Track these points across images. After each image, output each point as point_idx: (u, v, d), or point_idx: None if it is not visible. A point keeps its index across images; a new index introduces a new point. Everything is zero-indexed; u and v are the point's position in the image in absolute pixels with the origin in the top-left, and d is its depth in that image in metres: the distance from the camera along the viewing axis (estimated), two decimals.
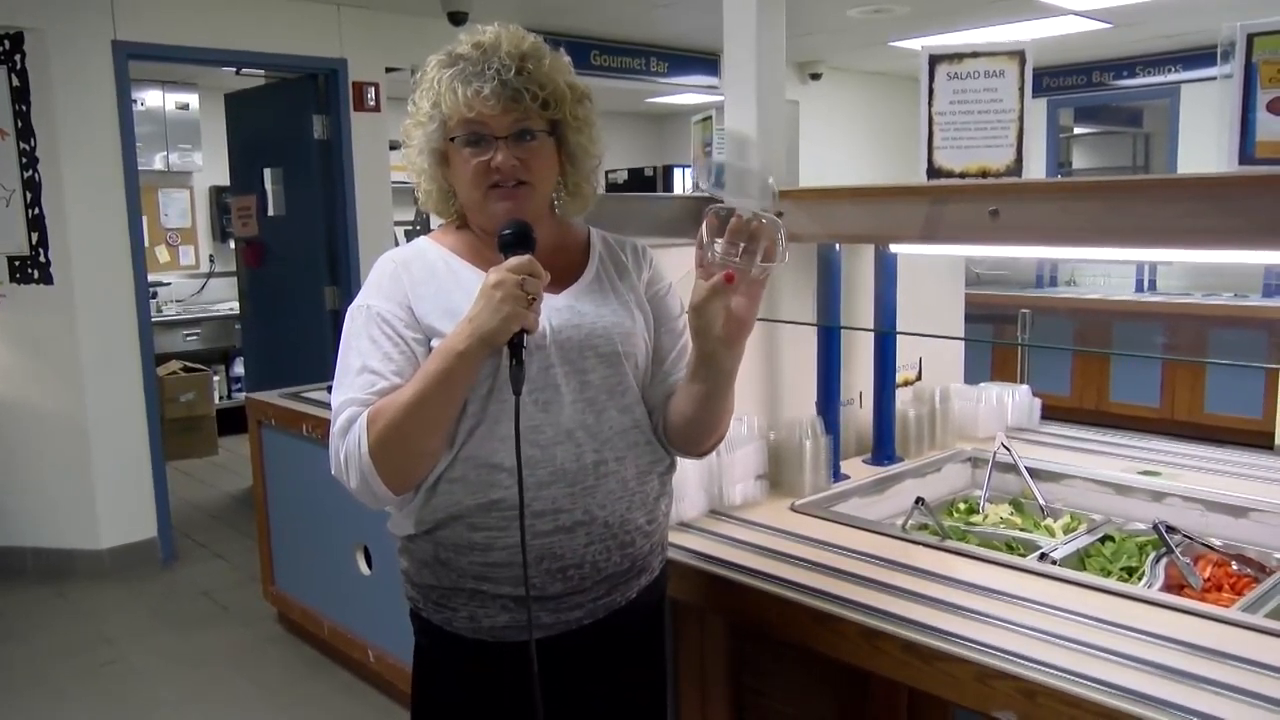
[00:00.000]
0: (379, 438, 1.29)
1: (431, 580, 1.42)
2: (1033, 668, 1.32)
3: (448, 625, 1.42)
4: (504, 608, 1.38)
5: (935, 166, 1.99)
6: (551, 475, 1.36)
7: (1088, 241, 1.81)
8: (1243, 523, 1.97)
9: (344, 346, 1.40)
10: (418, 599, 1.46)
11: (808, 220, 2.21)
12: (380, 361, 1.34)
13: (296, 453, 3.51)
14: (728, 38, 2.37)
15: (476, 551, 1.37)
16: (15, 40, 4.27)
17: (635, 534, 1.44)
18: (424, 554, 1.42)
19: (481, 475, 1.35)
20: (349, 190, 5.20)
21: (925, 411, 2.44)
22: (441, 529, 1.38)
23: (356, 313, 1.40)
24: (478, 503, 1.35)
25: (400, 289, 1.39)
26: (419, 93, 1.40)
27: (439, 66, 1.38)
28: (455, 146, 1.38)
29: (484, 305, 1.25)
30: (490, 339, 1.25)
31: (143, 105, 6.69)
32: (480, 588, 1.38)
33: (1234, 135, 1.59)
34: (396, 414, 1.29)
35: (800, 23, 5.93)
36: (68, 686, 3.43)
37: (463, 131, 1.36)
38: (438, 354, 1.29)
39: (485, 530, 1.36)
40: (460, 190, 1.42)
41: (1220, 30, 1.60)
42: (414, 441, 1.31)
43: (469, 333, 1.26)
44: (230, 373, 7.22)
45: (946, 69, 1.97)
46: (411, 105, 1.43)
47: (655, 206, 2.43)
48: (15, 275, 4.44)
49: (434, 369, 1.28)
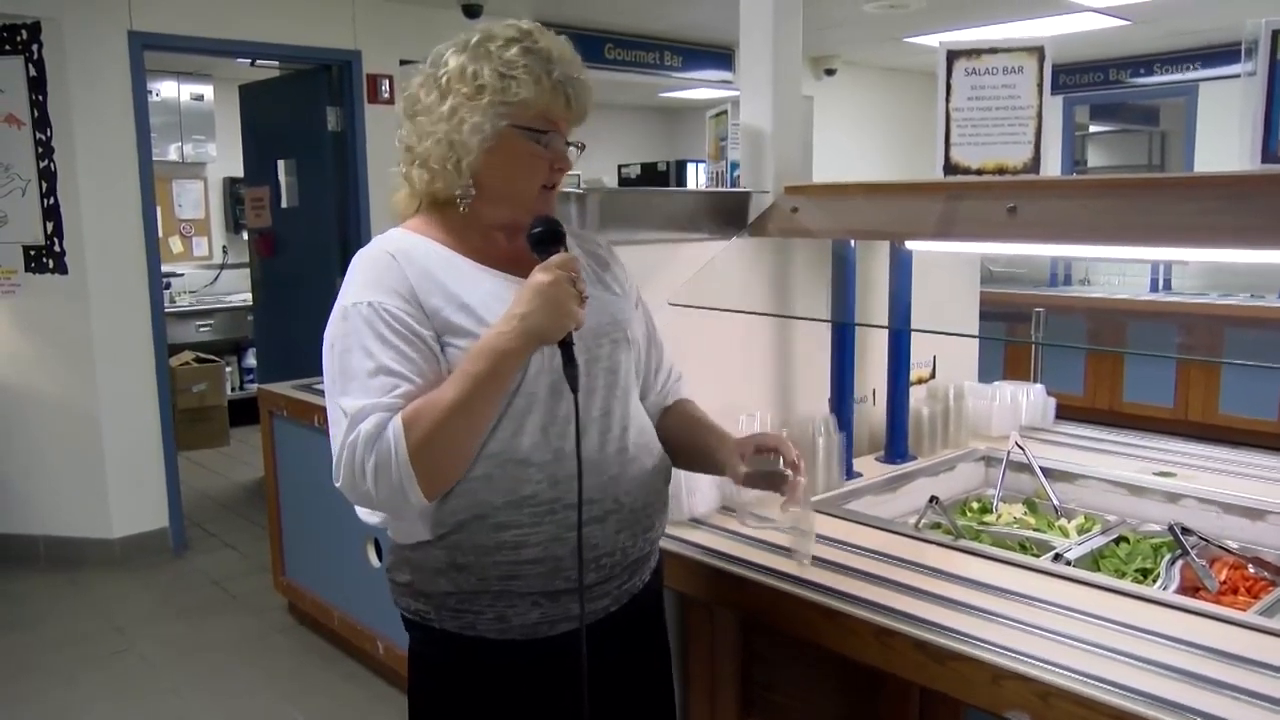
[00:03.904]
0: (420, 443, 1.23)
1: (447, 587, 1.35)
2: (1046, 669, 1.30)
3: (469, 630, 1.36)
4: (534, 604, 1.35)
5: (952, 163, 1.97)
6: (584, 466, 1.33)
7: (1105, 240, 1.79)
8: (1260, 525, 1.96)
9: (341, 346, 1.30)
10: (425, 610, 1.39)
11: (822, 216, 2.20)
12: (398, 362, 1.27)
13: (308, 444, 3.52)
14: (744, 31, 2.36)
15: (505, 550, 1.32)
16: (32, 30, 4.29)
17: (655, 518, 1.47)
18: (436, 562, 1.35)
19: (508, 471, 1.31)
20: (362, 182, 5.20)
21: (939, 410, 2.43)
22: (460, 531, 1.32)
23: (354, 310, 1.30)
24: (506, 500, 1.31)
25: (405, 282, 1.31)
26: (472, 65, 1.31)
27: (509, 46, 1.31)
28: (518, 135, 1.32)
29: (539, 303, 1.23)
30: (544, 337, 1.24)
31: (158, 96, 6.71)
32: (509, 587, 1.33)
33: (1256, 133, 1.57)
34: (441, 417, 1.23)
35: (816, 17, 5.89)
36: (78, 674, 3.44)
37: (540, 124, 1.33)
38: (482, 354, 1.24)
39: (516, 528, 1.31)
40: (503, 180, 1.36)
41: (1243, 26, 1.58)
42: (460, 445, 1.27)
43: (520, 331, 1.23)
44: (243, 364, 7.24)
45: (964, 65, 1.96)
46: (453, 77, 1.32)
47: (668, 201, 2.42)
48: (30, 265, 4.46)
49: (480, 370, 1.24)
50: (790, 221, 2.22)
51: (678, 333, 1.74)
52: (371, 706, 3.20)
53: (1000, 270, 6.66)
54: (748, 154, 2.38)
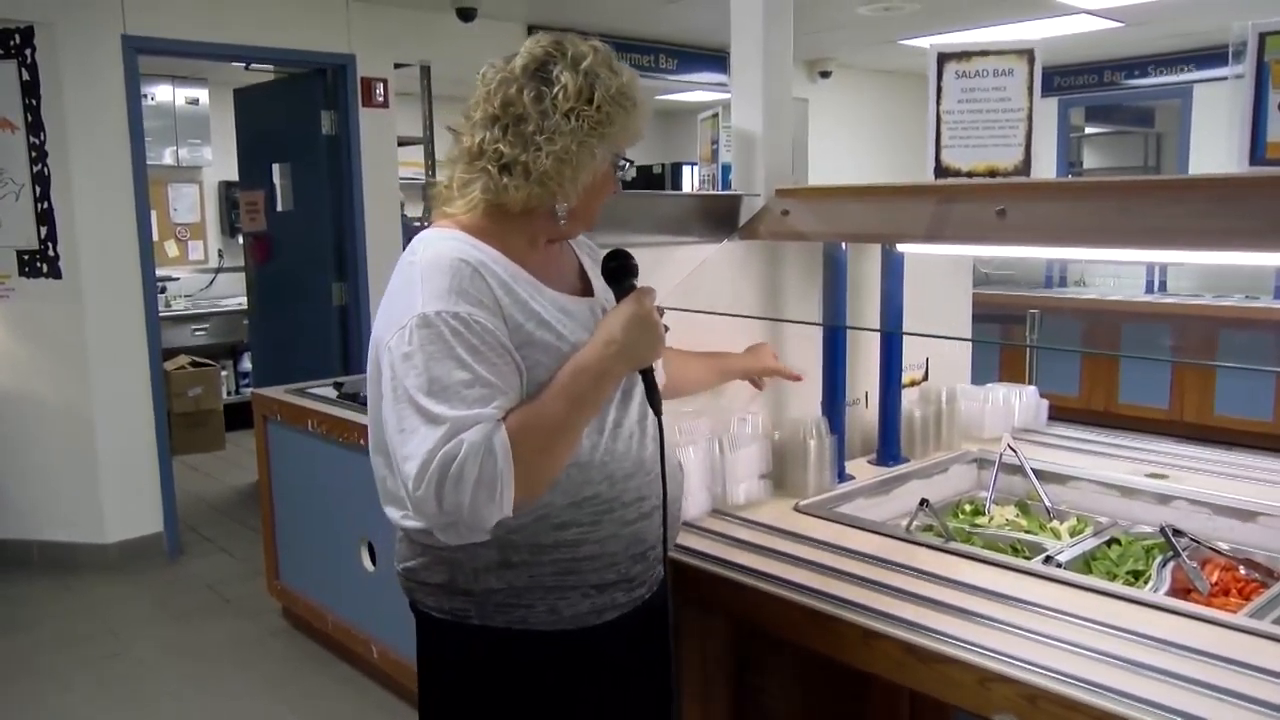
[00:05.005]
0: (528, 455, 1.26)
1: (496, 584, 1.38)
2: (1033, 671, 1.30)
3: (518, 624, 1.39)
4: (585, 595, 1.41)
5: (943, 165, 1.98)
6: (633, 466, 1.43)
7: (1096, 242, 1.79)
8: (1251, 526, 1.96)
9: (426, 355, 1.26)
10: (464, 608, 1.40)
11: (813, 219, 2.20)
12: (494, 375, 1.28)
13: (302, 448, 3.51)
14: (735, 35, 2.36)
15: (563, 549, 1.38)
16: (25, 34, 4.28)
17: (681, 512, 1.62)
18: (484, 560, 1.37)
19: (572, 475, 1.37)
20: (357, 186, 5.20)
21: (931, 412, 2.43)
22: (519, 532, 1.35)
23: (438, 319, 1.26)
24: (569, 501, 1.37)
25: (489, 295, 1.31)
26: (588, 89, 1.36)
27: (613, 74, 1.41)
28: (612, 163, 1.43)
29: (639, 332, 1.35)
30: (639, 364, 1.38)
31: (153, 100, 6.70)
32: (564, 581, 1.39)
33: (1245, 135, 1.57)
34: (547, 432, 1.29)
35: (809, 20, 5.90)
36: (73, 678, 3.44)
37: (624, 152, 1.45)
38: (585, 373, 1.32)
39: (576, 527, 1.38)
40: (586, 200, 1.42)
41: (1232, 29, 1.58)
42: (559, 459, 1.33)
43: (622, 356, 1.34)
44: (238, 367, 7.23)
45: (955, 67, 1.96)
46: (570, 95, 1.35)
47: (659, 204, 2.42)
48: (24, 269, 4.46)
49: (585, 389, 1.32)
50: (781, 224, 2.22)
51: (669, 337, 1.73)
52: (365, 710, 3.19)
53: (994, 272, 6.67)
54: (739, 157, 2.38)
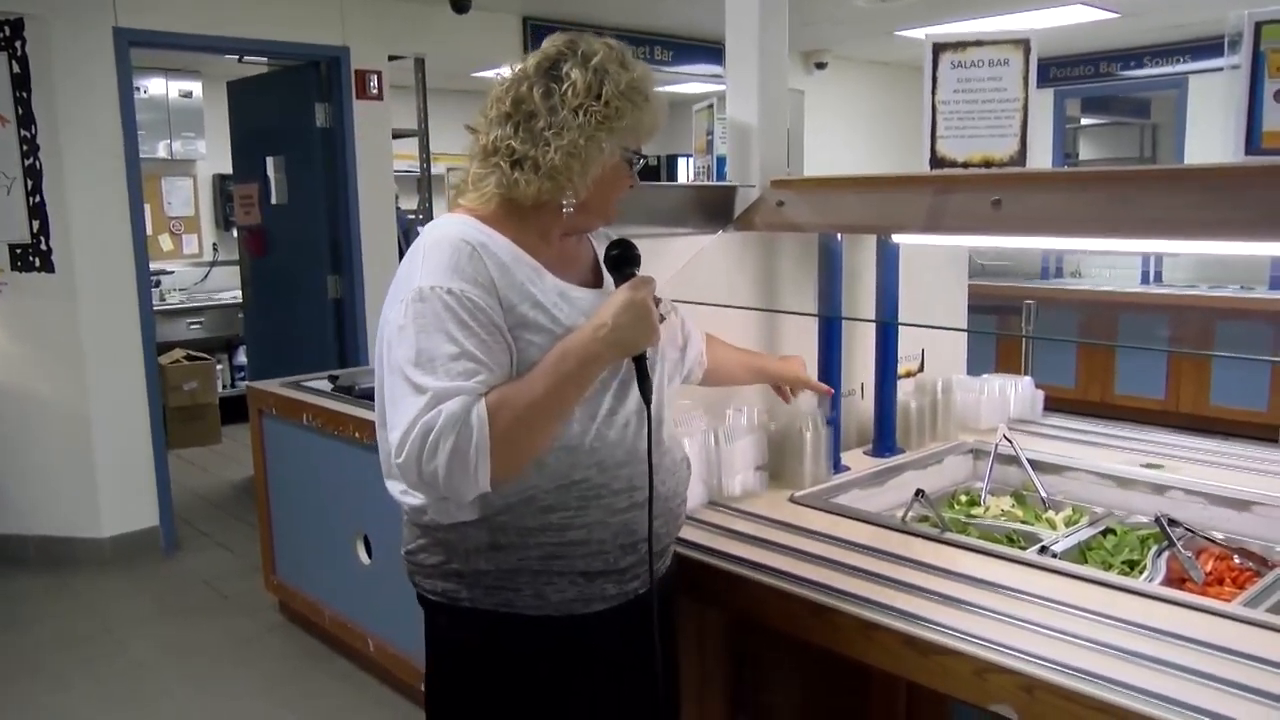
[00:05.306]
0: (505, 430, 1.27)
1: (485, 566, 1.40)
2: (1030, 661, 1.30)
3: (504, 607, 1.41)
4: (572, 582, 1.41)
5: (938, 156, 1.97)
6: (627, 455, 1.42)
7: (1091, 232, 1.79)
8: (1245, 516, 1.96)
9: (418, 327, 1.30)
10: (456, 589, 1.43)
11: (808, 210, 2.20)
12: (481, 350, 1.30)
13: (297, 442, 3.51)
14: (730, 26, 2.36)
15: (550, 532, 1.38)
16: (15, 26, 4.25)
17: (680, 506, 1.58)
18: (474, 541, 1.39)
19: (560, 458, 1.37)
20: (351, 179, 5.18)
21: (927, 403, 2.43)
22: (506, 513, 1.37)
23: (433, 294, 1.31)
24: (557, 485, 1.37)
25: (485, 274, 1.34)
26: (597, 84, 1.36)
27: (623, 68, 1.39)
28: (623, 157, 1.43)
29: (630, 318, 1.33)
30: (629, 349, 1.35)
31: (146, 93, 6.67)
32: (549, 566, 1.39)
33: (1240, 125, 1.57)
34: (527, 409, 1.29)
35: (807, 11, 5.89)
36: (69, 674, 3.43)
37: (638, 148, 1.44)
38: (572, 356, 1.32)
39: (562, 511, 1.38)
40: (598, 195, 1.43)
41: (1227, 19, 1.58)
42: (538, 437, 1.33)
43: (612, 340, 1.32)
44: (234, 361, 7.22)
45: (950, 58, 1.96)
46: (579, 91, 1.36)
47: (653, 196, 2.41)
48: (16, 263, 4.44)
49: (569, 369, 1.32)
50: (776, 215, 2.21)
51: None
52: (363, 705, 3.19)
53: (990, 263, 6.67)
54: (734, 149, 2.37)
